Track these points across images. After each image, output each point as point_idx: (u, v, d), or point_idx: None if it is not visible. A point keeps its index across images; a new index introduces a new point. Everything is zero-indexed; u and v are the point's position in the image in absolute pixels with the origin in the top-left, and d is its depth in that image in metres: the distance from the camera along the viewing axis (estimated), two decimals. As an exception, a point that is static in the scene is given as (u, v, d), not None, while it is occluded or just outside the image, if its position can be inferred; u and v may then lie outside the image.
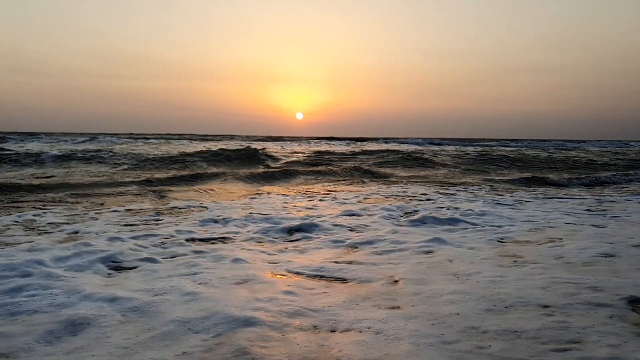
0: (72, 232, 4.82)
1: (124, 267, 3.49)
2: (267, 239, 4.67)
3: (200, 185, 10.21)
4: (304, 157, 19.52)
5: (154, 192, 8.75)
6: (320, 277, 3.26)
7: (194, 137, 48.92)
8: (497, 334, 2.20)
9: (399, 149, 27.58)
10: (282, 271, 3.41)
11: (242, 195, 8.53)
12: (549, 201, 8.13)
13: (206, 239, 4.56)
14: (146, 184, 10.11)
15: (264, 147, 22.87)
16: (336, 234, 4.98)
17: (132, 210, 6.48)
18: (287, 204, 7.31)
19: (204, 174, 12.07)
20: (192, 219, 5.71)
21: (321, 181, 11.51)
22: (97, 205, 6.96)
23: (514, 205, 7.42)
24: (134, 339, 2.18)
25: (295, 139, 51.48)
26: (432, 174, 14.74)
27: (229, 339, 2.17)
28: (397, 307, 2.64)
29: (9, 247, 3.97)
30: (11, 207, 6.68)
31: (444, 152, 23.48)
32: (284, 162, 16.99)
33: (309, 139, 51.37)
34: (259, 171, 13.15)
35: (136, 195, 8.25)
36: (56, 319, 2.39)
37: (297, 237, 4.79)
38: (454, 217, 5.92)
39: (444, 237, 4.67)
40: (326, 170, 13.90)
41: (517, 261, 3.68)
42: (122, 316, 2.44)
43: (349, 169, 14.35)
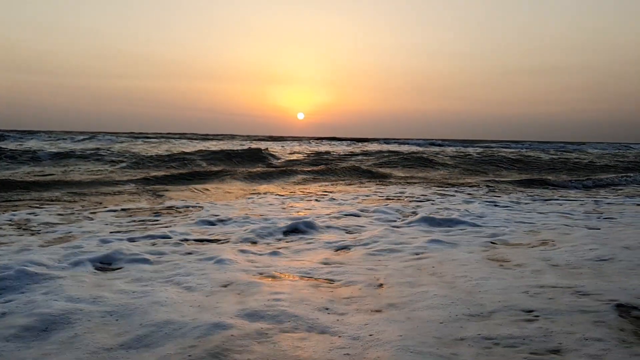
0: (65, 232, 4.81)
1: (111, 268, 3.46)
2: (261, 240, 4.65)
3: (198, 184, 10.20)
4: (304, 157, 19.51)
5: (151, 191, 8.74)
6: (307, 279, 3.25)
7: (194, 136, 48.94)
8: (473, 341, 2.17)
9: (400, 149, 27.57)
10: (271, 272, 3.40)
11: (239, 195, 8.52)
12: (546, 203, 8.10)
13: (199, 240, 4.55)
14: (144, 182, 10.11)
15: (263, 147, 22.85)
16: (330, 235, 4.97)
17: (128, 210, 6.47)
18: (285, 204, 7.29)
19: (202, 173, 12.07)
20: (188, 219, 5.70)
21: (320, 181, 11.49)
22: (93, 204, 6.95)
23: (511, 207, 7.39)
24: (109, 342, 2.16)
25: (296, 139, 51.46)
26: (432, 175, 14.72)
27: (205, 344, 2.15)
28: (378, 311, 2.63)
29: (-2, 247, 3.95)
30: (6, 205, 6.67)
31: (445, 153, 23.46)
32: (283, 162, 16.97)
33: (310, 139, 51.32)
34: (257, 171, 13.13)
35: (133, 194, 8.24)
36: (30, 320, 2.37)
37: (291, 238, 4.78)
38: (449, 218, 5.90)
39: (437, 239, 4.66)
40: (326, 170, 13.87)
41: (506, 265, 3.66)
42: (100, 318, 2.42)
43: (349, 169, 14.33)
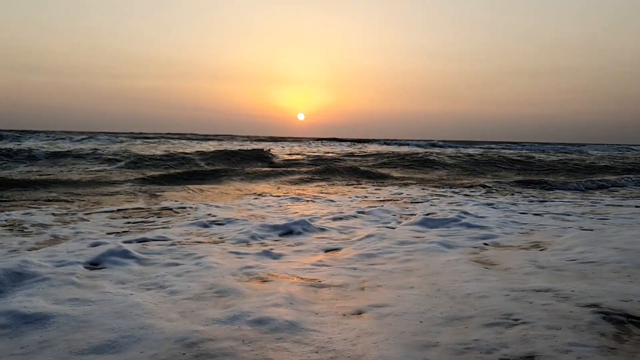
0: (58, 233, 4.81)
1: (98, 271, 3.42)
2: (254, 241, 4.65)
3: (195, 185, 10.18)
4: (303, 158, 19.49)
5: (148, 191, 8.74)
6: (294, 281, 3.24)
7: (194, 137, 48.92)
8: (447, 348, 2.13)
9: (399, 150, 27.56)
10: (258, 274, 3.39)
11: (236, 196, 8.51)
12: (542, 204, 8.08)
13: (193, 242, 4.53)
14: (141, 183, 10.11)
15: (263, 147, 22.82)
16: (324, 236, 4.96)
17: (124, 210, 6.46)
18: (281, 205, 7.28)
19: (200, 174, 12.05)
20: (183, 221, 5.68)
21: (318, 182, 11.47)
22: (89, 205, 6.95)
23: (507, 208, 7.37)
24: (80, 345, 2.14)
25: (296, 140, 51.41)
26: (430, 176, 14.70)
27: (179, 350, 2.12)
28: (359, 313, 2.62)
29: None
30: (2, 205, 6.66)
31: (444, 154, 23.43)
32: (282, 163, 16.96)
33: (310, 140, 51.27)
34: (256, 172, 13.12)
35: (130, 195, 8.24)
36: (5, 321, 2.37)
37: (284, 240, 4.78)
38: (443, 219, 5.89)
39: (430, 240, 4.66)
40: (324, 171, 13.86)
41: (493, 267, 3.64)
42: (76, 321, 2.39)
43: (347, 170, 14.32)
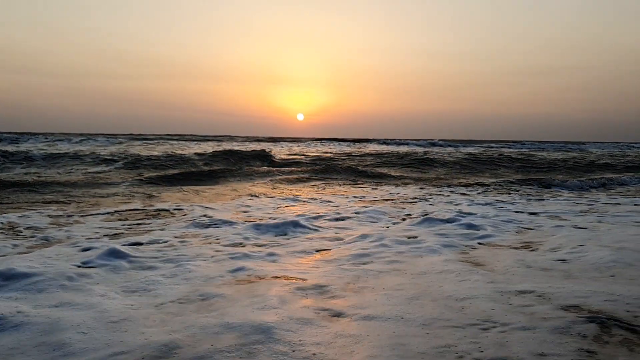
0: (51, 236, 4.77)
1: (83, 275, 3.35)
2: (246, 242, 4.66)
3: (193, 186, 10.17)
4: (302, 158, 19.46)
5: (145, 193, 8.73)
6: (279, 283, 3.21)
7: (193, 137, 48.94)
8: (420, 352, 2.11)
9: (399, 150, 27.54)
10: (246, 276, 3.38)
11: (233, 196, 8.49)
12: (539, 203, 8.05)
13: (184, 244, 4.50)
14: (138, 184, 10.09)
15: (262, 148, 22.81)
16: (317, 237, 4.95)
17: (119, 212, 6.45)
18: (277, 205, 7.26)
19: (198, 175, 12.03)
20: (178, 222, 5.67)
21: (316, 183, 11.45)
22: (86, 206, 6.94)
23: (504, 206, 7.34)
24: (43, 350, 2.12)
25: (295, 140, 51.40)
26: (428, 175, 14.67)
27: None
28: (338, 315, 2.61)
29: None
30: (-3, 208, 6.63)
31: (443, 154, 23.39)
32: (280, 164, 16.93)
33: (309, 140, 51.25)
34: (253, 172, 13.10)
35: (127, 196, 8.22)
36: None
37: (277, 241, 4.76)
38: (438, 219, 5.87)
39: (422, 240, 4.66)
40: (322, 171, 13.84)
41: (481, 268, 3.63)
42: (41, 329, 2.35)
43: (346, 170, 14.30)
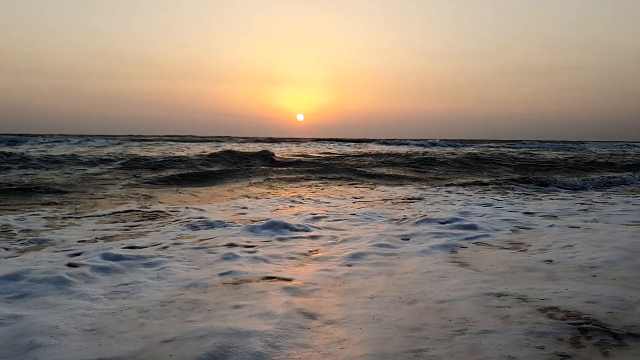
0: (43, 239, 4.75)
1: (65, 279, 3.29)
2: (238, 243, 4.63)
3: (190, 187, 10.16)
4: (301, 158, 19.43)
5: (141, 194, 8.73)
6: (263, 285, 3.18)
7: (193, 138, 48.96)
8: (389, 357, 2.08)
9: (399, 150, 27.53)
10: (232, 279, 3.35)
11: (230, 197, 8.49)
12: (538, 202, 8.04)
13: (176, 246, 4.47)
14: (135, 185, 10.08)
15: (261, 148, 22.79)
16: (310, 238, 4.93)
17: (115, 214, 6.44)
18: (275, 206, 7.24)
19: (196, 176, 12.03)
20: (172, 224, 5.64)
21: (314, 183, 11.43)
22: (83, 208, 6.96)
23: (501, 206, 7.33)
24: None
25: (295, 140, 51.38)
26: (427, 175, 14.65)
27: None
28: (316, 318, 2.60)
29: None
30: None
31: (443, 153, 23.36)
32: (279, 164, 16.91)
33: (309, 141, 51.24)
34: (251, 173, 13.10)
35: (123, 197, 8.21)
36: None
37: (270, 242, 4.73)
38: (434, 218, 5.85)
39: (414, 241, 4.67)
40: (321, 171, 13.85)
41: (466, 269, 3.61)
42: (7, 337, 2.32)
43: (345, 170, 14.30)
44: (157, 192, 9.11)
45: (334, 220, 6.01)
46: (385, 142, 42.36)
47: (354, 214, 6.44)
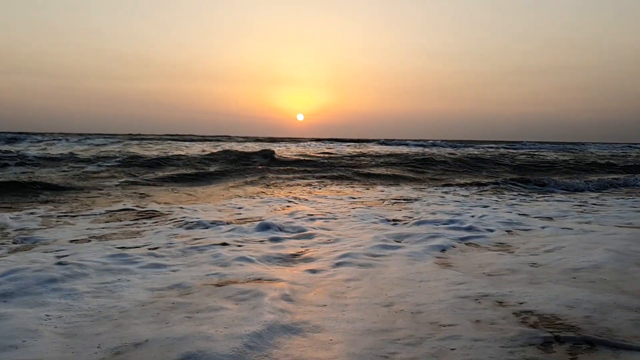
0: (36, 237, 4.73)
1: (50, 280, 3.25)
2: (229, 242, 4.64)
3: (186, 187, 10.17)
4: (301, 158, 19.38)
5: (137, 193, 8.72)
6: (244, 288, 3.14)
7: (193, 138, 48.95)
8: None
9: (398, 150, 27.50)
10: (214, 281, 3.33)
11: (226, 197, 8.49)
12: (532, 203, 8.02)
13: (166, 246, 4.46)
14: (132, 185, 10.08)
15: (260, 148, 22.76)
16: (301, 239, 4.91)
17: (110, 212, 6.45)
18: (271, 206, 7.23)
19: (193, 176, 12.02)
20: (165, 225, 5.63)
21: (311, 183, 11.42)
22: (79, 206, 6.97)
23: (497, 207, 7.32)
24: None
25: (295, 140, 51.36)
26: (425, 176, 14.62)
27: None
28: (292, 320, 2.58)
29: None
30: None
31: (442, 154, 23.33)
32: (277, 164, 16.88)
33: (309, 140, 51.21)
34: (248, 172, 13.08)
35: (119, 197, 8.22)
36: None
37: (261, 243, 4.72)
38: (428, 220, 5.83)
39: (405, 242, 4.65)
40: (319, 171, 13.83)
41: (449, 270, 3.60)
42: None
43: (345, 170, 14.31)
44: (153, 191, 9.10)
45: (328, 220, 5.99)
46: (385, 142, 42.32)
47: (349, 215, 6.43)
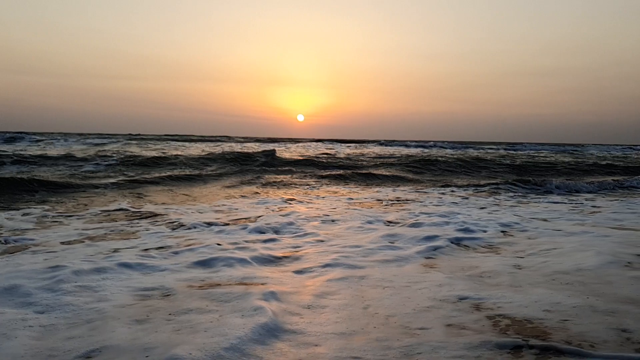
0: (28, 239, 4.74)
1: (32, 281, 3.24)
2: (222, 244, 4.62)
3: (184, 187, 10.18)
4: (300, 158, 19.36)
5: (134, 194, 8.71)
6: (224, 291, 3.11)
7: (192, 138, 48.95)
8: None
9: (398, 151, 27.47)
10: (198, 283, 3.29)
11: (223, 197, 8.44)
12: (529, 205, 8.01)
13: (158, 246, 4.43)
14: (129, 185, 10.08)
15: (260, 149, 22.75)
16: (294, 240, 4.89)
17: (105, 212, 6.44)
18: (267, 207, 7.19)
19: (192, 176, 12.01)
20: (158, 226, 5.61)
21: (311, 183, 11.41)
22: (74, 207, 6.98)
23: (494, 209, 7.30)
24: None
25: (294, 141, 51.34)
26: (424, 177, 14.60)
27: None
28: (267, 325, 2.53)
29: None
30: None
31: (442, 155, 23.30)
32: (277, 164, 16.86)
33: (309, 141, 51.18)
34: (246, 173, 13.07)
35: (115, 197, 8.21)
36: None
37: (252, 244, 4.69)
38: (422, 221, 5.88)
39: (396, 242, 4.63)
40: (319, 172, 13.82)
41: (430, 273, 3.57)
42: None
43: (344, 171, 14.27)
44: (150, 191, 9.09)
45: (323, 221, 5.97)
46: (385, 143, 42.30)
47: (345, 215, 6.41)
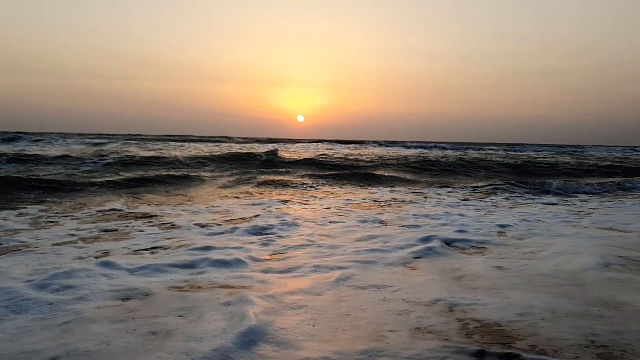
0: (20, 240, 4.73)
1: (25, 285, 3.21)
2: (212, 245, 4.60)
3: (182, 188, 10.21)
4: (299, 159, 19.35)
5: (129, 194, 8.72)
6: (205, 295, 3.07)
7: (192, 138, 48.95)
8: None
9: (398, 152, 27.44)
10: (178, 285, 3.27)
11: (219, 198, 8.43)
12: (525, 205, 8.00)
13: (149, 248, 4.44)
14: (125, 185, 10.09)
15: (259, 149, 22.74)
16: (286, 241, 4.85)
17: (100, 212, 6.45)
18: (264, 208, 7.17)
19: (191, 176, 12.00)
20: (152, 227, 5.59)
21: (308, 184, 11.41)
22: (70, 207, 7.00)
23: (489, 210, 7.27)
24: None
25: (295, 141, 51.31)
26: (423, 178, 14.58)
27: None
28: (243, 330, 2.50)
29: None
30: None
31: (442, 156, 23.27)
32: (276, 165, 16.85)
33: (309, 141, 51.14)
34: (244, 173, 13.05)
35: (111, 198, 8.22)
36: None
37: (245, 245, 4.65)
38: (413, 222, 5.92)
39: (387, 244, 4.61)
40: (317, 172, 13.81)
41: (410, 275, 3.55)
42: None
43: (342, 172, 14.29)
44: (146, 192, 9.09)
45: (317, 223, 5.97)
46: (384, 144, 42.26)
47: (340, 217, 6.40)
